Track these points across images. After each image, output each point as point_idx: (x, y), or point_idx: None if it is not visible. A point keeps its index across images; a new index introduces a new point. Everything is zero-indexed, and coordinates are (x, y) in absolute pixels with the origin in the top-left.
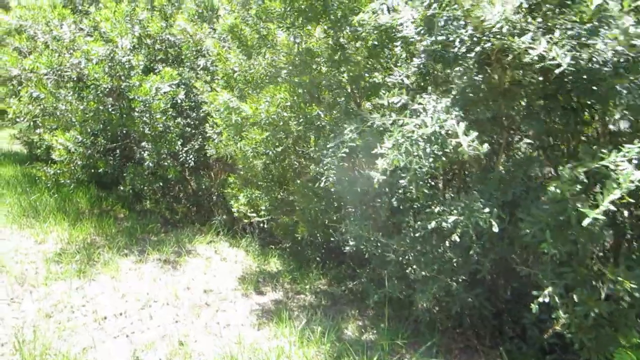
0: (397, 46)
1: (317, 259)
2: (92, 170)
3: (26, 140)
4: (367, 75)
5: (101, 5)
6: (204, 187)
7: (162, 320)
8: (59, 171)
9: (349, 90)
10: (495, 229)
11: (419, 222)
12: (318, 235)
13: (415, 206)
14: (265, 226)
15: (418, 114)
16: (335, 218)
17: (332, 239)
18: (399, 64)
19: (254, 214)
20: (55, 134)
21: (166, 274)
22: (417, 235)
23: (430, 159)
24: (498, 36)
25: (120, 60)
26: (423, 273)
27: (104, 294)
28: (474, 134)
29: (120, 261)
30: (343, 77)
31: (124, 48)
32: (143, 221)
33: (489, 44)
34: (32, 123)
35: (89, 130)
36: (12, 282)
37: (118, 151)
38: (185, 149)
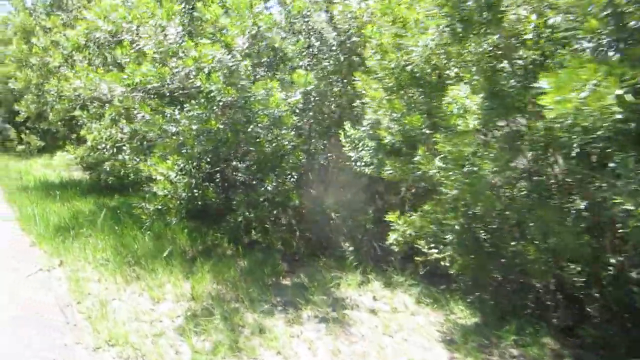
0: None
1: (530, 306)
2: (199, 203)
3: (90, 166)
4: None
5: None
6: (326, 210)
7: None
8: (160, 207)
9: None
10: None
11: None
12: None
13: None
14: (445, 264)
15: None
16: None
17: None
18: None
19: (434, 250)
20: (152, 161)
21: (340, 341)
22: None
23: None
24: None
25: (236, 67)
26: None
27: None
28: None
29: (270, 323)
30: None
31: (242, 51)
32: (260, 258)
33: None
34: (114, 150)
35: (195, 154)
36: None
37: (218, 176)
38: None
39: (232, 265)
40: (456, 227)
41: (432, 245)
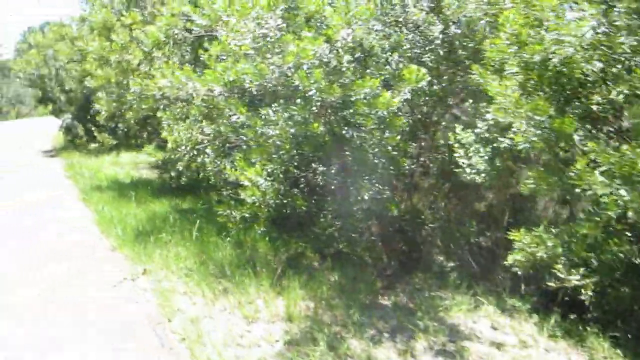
0: None
1: None
2: (287, 211)
3: (162, 166)
4: None
5: None
6: (417, 219)
7: None
8: (247, 215)
9: None
10: None
11: None
12: None
13: None
14: (588, 293)
15: None
16: None
17: None
18: None
19: (575, 277)
20: (239, 166)
21: None
22: None
23: None
24: None
25: (339, 63)
26: None
27: None
28: None
29: (381, 353)
30: None
31: (344, 45)
32: (350, 272)
33: None
34: (194, 152)
35: (287, 159)
36: None
37: (302, 181)
38: None
39: (323, 281)
40: (619, 254)
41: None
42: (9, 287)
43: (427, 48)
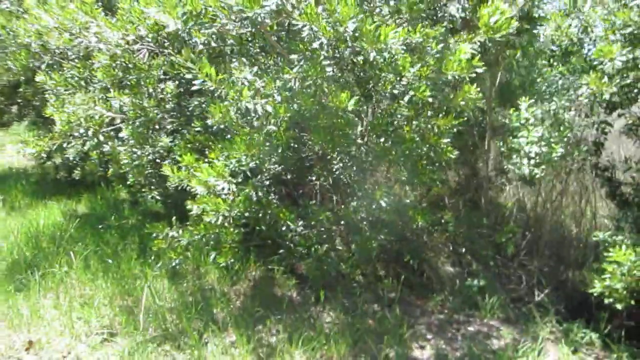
0: None
1: None
2: (261, 227)
3: (41, 154)
4: None
5: None
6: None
7: None
8: (202, 238)
9: None
10: None
11: None
12: None
13: None
14: None
15: None
16: None
17: None
18: None
19: None
20: (184, 162)
21: None
22: None
23: None
24: None
25: None
26: None
27: None
28: None
29: None
30: None
31: None
32: (346, 304)
33: None
34: (98, 137)
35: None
36: None
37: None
38: None
39: (320, 327)
40: None
41: None
42: None
43: None
